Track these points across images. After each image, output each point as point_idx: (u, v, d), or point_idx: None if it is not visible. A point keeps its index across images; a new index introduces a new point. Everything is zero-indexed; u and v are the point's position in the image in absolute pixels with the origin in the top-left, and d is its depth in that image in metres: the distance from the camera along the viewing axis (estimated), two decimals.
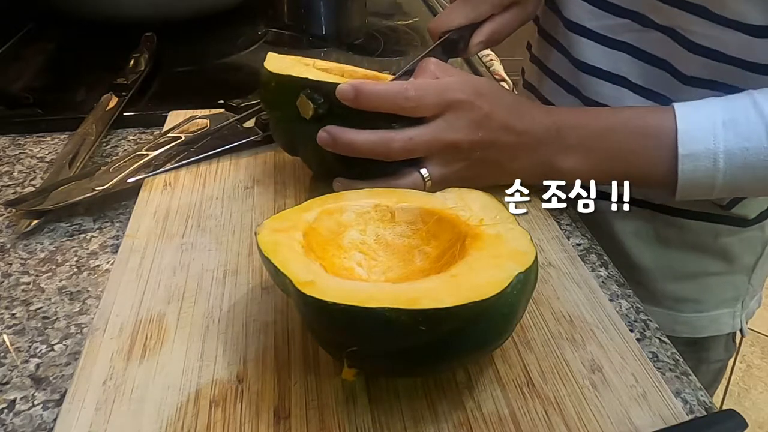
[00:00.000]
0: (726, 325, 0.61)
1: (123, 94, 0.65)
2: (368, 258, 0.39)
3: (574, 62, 0.57)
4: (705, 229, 0.56)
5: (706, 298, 0.60)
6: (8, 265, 0.44)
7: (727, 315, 0.61)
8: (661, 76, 0.52)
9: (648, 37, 0.52)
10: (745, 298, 0.61)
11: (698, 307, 0.60)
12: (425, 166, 0.46)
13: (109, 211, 0.50)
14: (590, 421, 0.33)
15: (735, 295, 0.60)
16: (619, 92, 0.54)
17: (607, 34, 0.54)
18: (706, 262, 0.58)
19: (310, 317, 0.33)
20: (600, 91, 0.55)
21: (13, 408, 0.34)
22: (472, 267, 0.33)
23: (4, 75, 0.75)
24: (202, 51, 0.86)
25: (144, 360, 0.36)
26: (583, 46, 0.56)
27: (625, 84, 0.54)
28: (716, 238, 0.57)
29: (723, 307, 0.60)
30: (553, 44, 0.60)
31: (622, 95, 0.54)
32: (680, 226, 0.56)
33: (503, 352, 0.37)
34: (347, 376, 0.32)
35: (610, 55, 0.54)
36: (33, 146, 0.60)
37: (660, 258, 0.58)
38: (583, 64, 0.56)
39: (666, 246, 0.58)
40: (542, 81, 0.63)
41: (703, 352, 0.63)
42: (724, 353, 0.64)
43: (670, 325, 0.60)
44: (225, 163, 0.55)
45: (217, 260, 0.44)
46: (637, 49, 0.53)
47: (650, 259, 0.58)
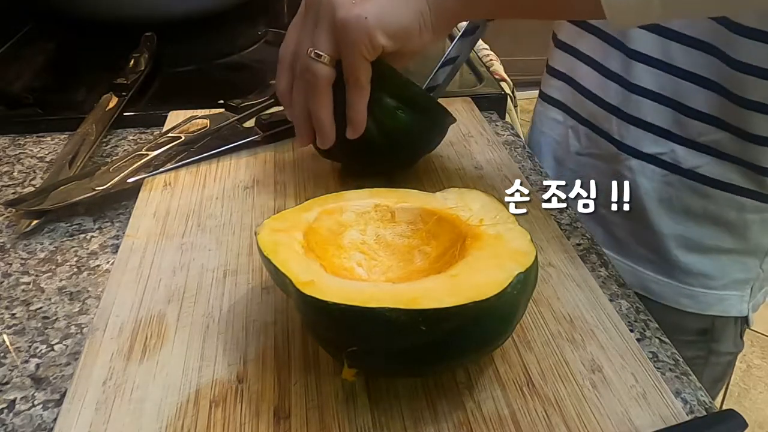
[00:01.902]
0: (733, 308, 0.61)
1: (123, 94, 0.65)
2: (368, 258, 0.39)
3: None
4: (731, 201, 0.56)
5: (717, 274, 0.60)
6: (8, 265, 0.44)
7: (735, 297, 0.61)
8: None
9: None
10: (754, 284, 0.61)
11: (707, 283, 0.60)
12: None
13: (109, 211, 0.50)
14: (590, 421, 0.33)
15: (745, 278, 0.60)
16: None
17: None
18: (724, 237, 0.58)
19: (310, 317, 0.33)
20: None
21: (13, 408, 0.34)
22: (472, 267, 0.33)
23: (4, 75, 0.75)
24: (202, 51, 0.86)
25: (144, 360, 0.36)
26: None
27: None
28: (740, 213, 0.57)
29: (732, 288, 0.60)
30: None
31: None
32: (707, 196, 0.56)
33: (503, 352, 0.37)
34: (347, 376, 0.32)
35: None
36: (33, 146, 0.60)
37: (679, 227, 0.58)
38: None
39: (687, 215, 0.58)
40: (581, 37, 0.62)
41: (713, 343, 0.63)
42: (733, 347, 0.64)
43: (676, 296, 0.60)
44: (225, 163, 0.55)
45: (217, 260, 0.44)
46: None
47: (669, 227, 0.58)
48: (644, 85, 0.56)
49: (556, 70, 0.66)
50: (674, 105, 0.55)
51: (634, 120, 0.57)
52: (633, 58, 0.56)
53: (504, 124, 0.67)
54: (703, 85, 0.53)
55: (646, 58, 0.55)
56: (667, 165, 0.57)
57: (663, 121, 0.56)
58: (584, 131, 0.62)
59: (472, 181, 0.54)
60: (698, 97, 0.53)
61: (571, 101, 0.63)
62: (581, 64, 0.62)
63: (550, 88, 0.66)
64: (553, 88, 0.66)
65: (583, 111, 0.62)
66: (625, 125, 0.58)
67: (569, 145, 0.64)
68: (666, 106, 0.55)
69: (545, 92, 0.67)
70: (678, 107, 0.54)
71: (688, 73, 0.53)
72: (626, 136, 0.58)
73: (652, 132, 0.57)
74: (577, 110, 0.63)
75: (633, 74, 0.56)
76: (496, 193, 0.46)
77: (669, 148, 0.56)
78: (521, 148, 0.62)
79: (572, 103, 0.63)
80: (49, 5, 0.84)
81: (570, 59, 0.63)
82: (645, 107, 0.56)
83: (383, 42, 0.43)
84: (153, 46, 0.77)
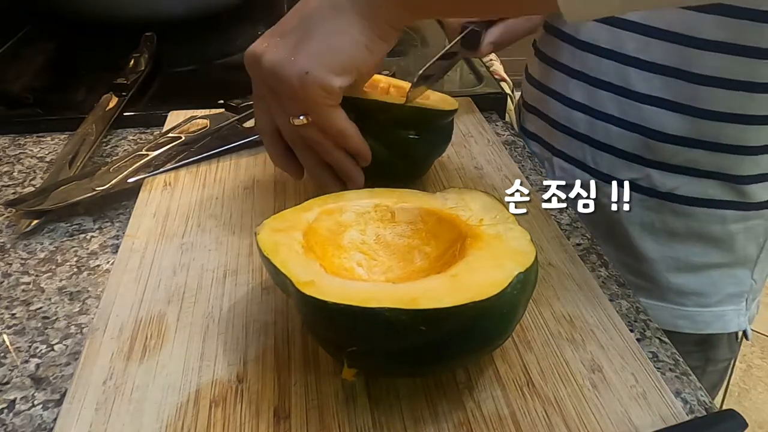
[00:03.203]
0: (731, 323, 0.61)
1: (123, 94, 0.65)
2: (368, 258, 0.39)
3: (578, 44, 0.57)
4: (713, 216, 0.56)
5: (710, 291, 0.60)
6: (8, 265, 0.44)
7: (731, 312, 0.61)
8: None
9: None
10: (748, 297, 0.61)
11: (702, 301, 0.60)
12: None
13: (109, 211, 0.50)
14: (590, 421, 0.33)
15: (738, 291, 0.60)
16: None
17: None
18: (711, 252, 0.58)
19: (310, 317, 0.33)
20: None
21: (13, 408, 0.34)
22: (472, 267, 0.33)
23: (4, 75, 0.75)
24: (202, 51, 0.86)
25: (144, 360, 0.36)
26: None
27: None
28: (723, 226, 0.57)
29: (727, 303, 0.60)
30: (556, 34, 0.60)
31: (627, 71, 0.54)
32: (688, 214, 0.56)
33: (503, 352, 0.37)
34: (347, 376, 0.32)
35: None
36: (33, 146, 0.60)
37: (665, 249, 0.58)
38: (585, 44, 0.56)
39: (672, 237, 0.58)
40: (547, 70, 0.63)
41: (711, 351, 0.63)
42: (729, 352, 0.65)
43: (672, 319, 0.60)
44: (225, 163, 0.55)
45: (217, 260, 0.44)
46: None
47: (655, 251, 0.58)
48: (609, 111, 0.56)
49: (529, 105, 0.66)
50: (641, 129, 0.55)
51: (605, 147, 0.58)
52: (595, 86, 0.56)
53: (504, 124, 0.67)
54: (667, 107, 0.53)
55: (607, 86, 0.56)
56: (643, 189, 0.56)
57: (633, 147, 0.56)
58: (558, 163, 0.62)
59: (472, 181, 0.54)
60: (664, 119, 0.53)
61: (545, 134, 0.64)
62: (549, 98, 0.62)
63: (527, 122, 0.67)
64: (529, 122, 0.67)
65: (557, 142, 0.62)
66: (598, 152, 0.58)
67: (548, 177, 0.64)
68: (633, 132, 0.55)
69: (523, 126, 0.68)
70: (645, 131, 0.55)
71: (648, 96, 0.53)
72: (600, 163, 0.58)
73: (624, 158, 0.57)
74: (551, 142, 0.63)
75: (597, 102, 0.57)
76: (496, 193, 0.46)
77: (643, 173, 0.56)
78: (521, 148, 0.62)
79: (546, 136, 0.64)
80: (49, 5, 0.84)
81: (540, 94, 0.64)
82: (613, 134, 0.56)
83: (338, 83, 0.40)
84: (153, 46, 0.77)
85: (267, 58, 0.41)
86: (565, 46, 0.59)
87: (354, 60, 0.41)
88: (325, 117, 0.42)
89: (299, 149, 0.46)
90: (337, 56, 0.41)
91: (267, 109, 0.45)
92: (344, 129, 0.44)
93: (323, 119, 0.42)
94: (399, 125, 0.47)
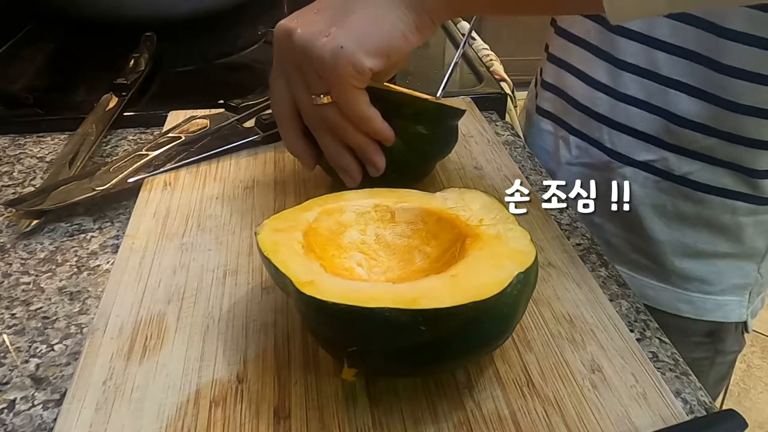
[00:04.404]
0: (732, 313, 0.61)
1: (123, 94, 0.65)
2: (368, 258, 0.39)
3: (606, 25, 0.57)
4: (724, 205, 0.56)
5: (714, 280, 0.60)
6: (8, 265, 0.44)
7: (734, 303, 0.61)
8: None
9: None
10: (752, 290, 0.61)
11: (705, 288, 0.60)
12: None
13: (109, 211, 0.50)
14: (590, 421, 0.33)
15: (743, 283, 0.61)
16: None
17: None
18: (719, 241, 0.58)
19: (310, 317, 0.33)
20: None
21: (13, 408, 0.34)
22: (472, 267, 0.33)
23: (4, 75, 0.75)
24: (202, 51, 0.86)
25: (144, 360, 0.36)
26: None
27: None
28: (733, 216, 0.57)
29: (730, 293, 0.60)
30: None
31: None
32: (700, 201, 0.57)
33: (503, 352, 0.37)
34: (347, 376, 0.32)
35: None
36: (33, 146, 0.60)
37: (674, 233, 0.59)
38: (615, 27, 0.56)
39: (682, 221, 0.58)
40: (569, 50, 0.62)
41: (720, 343, 0.63)
42: (736, 345, 0.65)
43: (674, 302, 0.60)
44: (225, 163, 0.55)
45: (217, 260, 0.44)
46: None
47: (664, 233, 0.59)
48: (632, 93, 0.56)
49: (547, 83, 0.66)
50: (663, 113, 0.55)
51: (624, 128, 0.58)
52: (620, 67, 0.56)
53: (504, 124, 0.67)
54: (691, 93, 0.53)
55: (633, 68, 0.56)
56: (659, 172, 0.57)
57: (653, 129, 0.56)
58: (575, 141, 0.62)
59: (472, 181, 0.54)
60: (687, 104, 0.53)
61: (561, 112, 0.64)
62: (570, 75, 0.62)
63: (543, 100, 0.67)
64: (544, 100, 0.67)
65: (574, 121, 0.62)
66: (616, 133, 0.58)
67: (560, 156, 0.64)
68: (655, 115, 0.55)
69: (538, 105, 0.68)
70: (667, 115, 0.55)
71: (675, 81, 0.54)
72: (617, 144, 0.58)
73: (643, 140, 0.57)
74: (568, 120, 0.63)
75: (620, 84, 0.57)
76: (496, 193, 0.46)
77: (660, 156, 0.56)
78: (521, 148, 0.62)
79: (562, 114, 0.64)
80: (49, 5, 0.84)
81: (560, 71, 0.63)
82: (634, 116, 0.57)
83: (369, 65, 0.40)
84: (153, 46, 0.77)
85: (301, 32, 0.41)
86: (593, 26, 0.59)
87: (390, 44, 0.41)
88: (348, 97, 0.42)
89: (320, 131, 0.45)
90: (374, 37, 0.40)
91: (286, 89, 0.44)
92: (366, 113, 0.43)
93: (346, 100, 0.42)
94: (420, 121, 0.47)
